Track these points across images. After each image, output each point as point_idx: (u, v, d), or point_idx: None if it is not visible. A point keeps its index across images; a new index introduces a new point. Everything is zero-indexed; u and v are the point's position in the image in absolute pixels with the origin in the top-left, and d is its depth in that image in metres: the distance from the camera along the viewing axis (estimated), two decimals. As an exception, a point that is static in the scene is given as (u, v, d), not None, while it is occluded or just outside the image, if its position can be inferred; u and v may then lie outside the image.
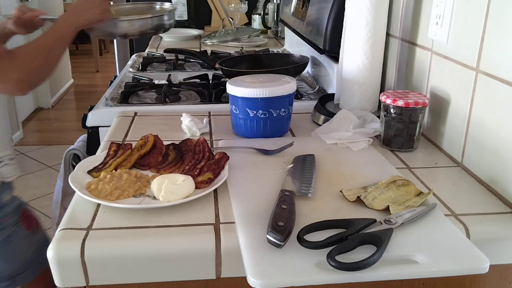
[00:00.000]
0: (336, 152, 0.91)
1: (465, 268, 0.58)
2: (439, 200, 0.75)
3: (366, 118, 1.03)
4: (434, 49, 0.95)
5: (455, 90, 0.89)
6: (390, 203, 0.69)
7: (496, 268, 0.68)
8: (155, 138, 0.89)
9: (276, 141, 0.95)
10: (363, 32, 1.02)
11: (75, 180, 0.76)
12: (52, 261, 0.62)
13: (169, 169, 0.82)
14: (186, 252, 0.64)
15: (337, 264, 0.55)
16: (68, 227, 0.66)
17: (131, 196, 0.73)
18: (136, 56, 1.99)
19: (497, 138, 0.77)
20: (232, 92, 0.98)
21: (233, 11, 2.44)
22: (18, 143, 3.79)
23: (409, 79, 1.06)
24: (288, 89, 0.98)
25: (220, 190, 0.76)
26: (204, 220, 0.68)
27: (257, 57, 1.52)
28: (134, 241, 0.64)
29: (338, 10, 1.19)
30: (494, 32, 0.77)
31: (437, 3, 0.93)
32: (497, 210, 0.72)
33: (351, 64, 1.06)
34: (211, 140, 1.01)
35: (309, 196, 0.72)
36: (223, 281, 0.66)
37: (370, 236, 0.60)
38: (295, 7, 1.64)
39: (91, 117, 1.21)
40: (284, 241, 0.59)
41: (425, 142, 0.99)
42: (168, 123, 1.09)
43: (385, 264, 0.57)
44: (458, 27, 0.87)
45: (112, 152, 0.86)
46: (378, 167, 0.84)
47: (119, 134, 1.04)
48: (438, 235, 0.63)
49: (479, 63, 0.81)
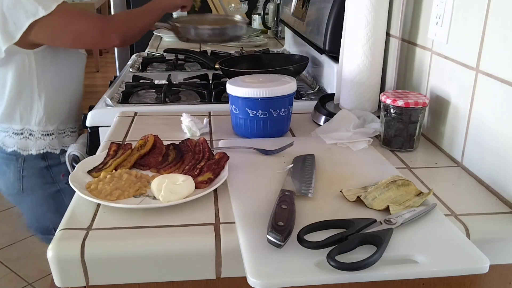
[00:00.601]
0: (336, 152, 0.91)
1: (465, 268, 0.58)
2: (439, 200, 0.75)
3: (366, 118, 1.03)
4: (434, 49, 0.95)
5: (455, 90, 0.89)
6: (390, 203, 0.69)
7: (496, 268, 0.68)
8: (155, 138, 0.89)
9: (276, 141, 0.95)
10: (363, 32, 1.02)
11: (75, 180, 0.76)
12: (52, 261, 0.62)
13: (169, 169, 0.82)
14: (186, 252, 0.64)
15: (337, 264, 0.55)
16: (68, 227, 0.66)
17: (131, 196, 0.73)
18: (136, 56, 1.99)
19: (497, 138, 0.77)
20: (232, 92, 0.98)
21: (233, 11, 2.44)
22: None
23: (409, 79, 1.06)
24: (288, 89, 0.98)
25: (220, 190, 0.76)
26: (204, 220, 0.68)
27: (257, 57, 1.52)
28: (134, 241, 0.64)
29: (338, 10, 1.19)
30: (494, 32, 0.77)
31: (437, 3, 0.93)
32: (497, 210, 0.72)
33: (351, 64, 1.06)
34: (211, 140, 1.01)
35: (309, 196, 0.72)
36: (223, 281, 0.66)
37: (370, 236, 0.60)
38: (295, 7, 1.64)
39: (91, 117, 1.21)
40: (284, 241, 0.59)
41: (425, 142, 0.99)
42: (168, 123, 1.09)
43: (385, 264, 0.57)
44: (458, 27, 0.87)
45: (112, 152, 0.86)
46: (378, 167, 0.84)
47: (119, 134, 1.04)
48: (438, 235, 0.63)
49: (479, 63, 0.81)
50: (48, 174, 1.33)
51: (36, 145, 1.32)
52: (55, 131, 1.35)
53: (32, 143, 1.31)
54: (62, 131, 1.38)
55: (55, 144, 1.35)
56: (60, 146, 1.36)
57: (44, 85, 1.30)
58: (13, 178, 1.33)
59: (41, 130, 1.32)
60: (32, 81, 1.28)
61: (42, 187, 1.34)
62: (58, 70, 1.32)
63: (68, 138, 1.39)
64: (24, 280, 2.22)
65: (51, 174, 1.34)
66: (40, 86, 1.29)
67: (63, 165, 1.34)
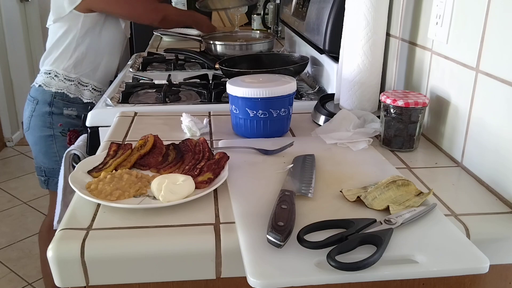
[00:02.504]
0: (336, 152, 0.91)
1: (465, 268, 0.58)
2: (439, 200, 0.75)
3: (366, 118, 1.03)
4: (434, 49, 0.95)
5: (455, 90, 0.89)
6: (390, 203, 0.69)
7: (496, 268, 0.68)
8: (155, 138, 0.89)
9: (276, 141, 0.95)
10: (363, 32, 1.02)
11: (75, 180, 0.76)
12: (52, 261, 0.62)
13: (169, 169, 0.82)
14: (186, 252, 0.64)
15: (337, 264, 0.55)
16: (68, 227, 0.66)
17: (132, 197, 0.73)
18: (136, 56, 1.99)
19: (497, 138, 0.77)
20: (232, 92, 0.98)
21: (233, 11, 2.44)
22: (18, 143, 3.79)
23: (409, 79, 1.07)
24: (288, 89, 0.98)
25: (220, 190, 0.76)
26: (204, 220, 0.68)
27: (257, 57, 1.52)
28: (134, 241, 0.64)
29: (338, 10, 1.19)
30: (494, 32, 0.77)
31: (437, 3, 0.93)
32: (497, 210, 0.72)
33: (351, 64, 1.06)
34: (211, 140, 1.01)
35: (309, 196, 0.72)
36: (223, 281, 0.66)
37: (370, 236, 0.60)
38: (295, 7, 1.64)
39: (91, 117, 1.21)
40: (284, 241, 0.59)
41: (425, 142, 0.99)
42: (168, 123, 1.09)
43: (385, 264, 0.57)
44: (458, 27, 0.87)
45: (112, 152, 0.86)
46: (378, 167, 0.84)
47: (119, 134, 1.04)
48: (438, 235, 0.63)
49: (479, 63, 0.81)
50: (49, 119, 1.57)
51: (57, 85, 1.59)
52: (75, 80, 1.61)
53: (55, 82, 1.59)
54: (85, 83, 1.64)
55: (72, 89, 1.61)
56: (78, 94, 1.62)
57: (82, 43, 1.61)
58: (27, 116, 1.61)
59: (65, 74, 1.60)
60: (74, 38, 1.60)
61: (41, 129, 1.58)
62: (97, 37, 1.64)
63: (88, 92, 1.64)
64: (24, 280, 2.23)
65: (51, 120, 1.57)
66: (78, 43, 1.60)
67: (65, 117, 1.59)
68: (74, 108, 1.61)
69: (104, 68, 1.70)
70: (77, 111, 1.61)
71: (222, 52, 1.77)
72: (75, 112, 1.61)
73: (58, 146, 1.58)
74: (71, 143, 1.55)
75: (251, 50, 1.76)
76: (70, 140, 1.57)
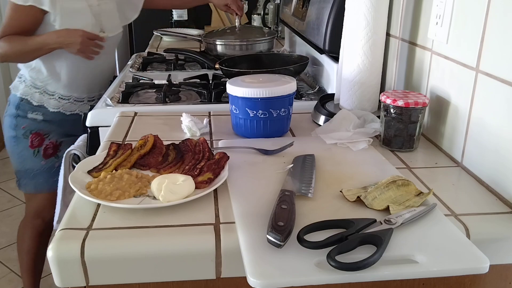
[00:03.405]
0: (336, 152, 0.91)
1: (465, 268, 0.58)
2: (439, 200, 0.75)
3: (366, 118, 1.03)
4: (434, 49, 0.95)
5: (455, 90, 0.89)
6: (390, 203, 0.69)
7: (496, 268, 0.68)
8: (155, 138, 0.89)
9: (276, 141, 0.95)
10: (363, 32, 1.02)
11: (75, 180, 0.76)
12: (52, 261, 0.62)
13: (169, 169, 0.82)
14: (186, 252, 0.64)
15: (337, 264, 0.55)
16: (68, 227, 0.66)
17: (132, 197, 0.73)
18: (136, 56, 1.99)
19: (497, 138, 0.77)
20: (232, 92, 0.98)
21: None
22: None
23: (409, 79, 1.07)
24: (288, 89, 0.98)
25: (220, 190, 0.76)
26: (204, 220, 0.68)
27: (257, 57, 1.52)
28: (134, 241, 0.64)
29: (338, 10, 1.19)
30: (494, 32, 0.77)
31: (437, 3, 0.93)
32: (497, 210, 0.72)
33: (351, 64, 1.06)
34: (211, 140, 1.01)
35: (309, 196, 0.72)
36: (223, 281, 0.66)
37: (370, 236, 0.60)
38: (295, 7, 1.64)
39: (91, 117, 1.21)
40: (284, 241, 0.59)
41: (425, 142, 0.99)
42: (168, 123, 1.09)
43: (385, 264, 0.57)
44: (458, 27, 0.87)
45: (112, 152, 0.86)
46: (378, 167, 0.84)
47: (119, 134, 1.04)
48: (438, 235, 0.63)
49: (479, 63, 0.81)
50: (14, 121, 1.57)
51: (23, 90, 1.56)
52: (41, 88, 1.56)
53: (22, 87, 1.57)
54: (51, 92, 1.57)
55: (36, 97, 1.56)
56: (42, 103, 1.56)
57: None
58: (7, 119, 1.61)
59: (32, 81, 1.56)
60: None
61: (8, 130, 1.59)
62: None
63: (54, 101, 1.58)
64: (24, 280, 2.22)
65: (16, 122, 1.57)
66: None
67: (29, 120, 1.56)
68: (40, 112, 1.56)
69: (67, 76, 1.56)
70: (43, 115, 1.57)
71: (222, 52, 1.76)
72: (40, 116, 1.57)
73: (20, 148, 1.58)
74: (33, 146, 1.57)
75: (251, 50, 1.75)
76: (32, 143, 1.56)
